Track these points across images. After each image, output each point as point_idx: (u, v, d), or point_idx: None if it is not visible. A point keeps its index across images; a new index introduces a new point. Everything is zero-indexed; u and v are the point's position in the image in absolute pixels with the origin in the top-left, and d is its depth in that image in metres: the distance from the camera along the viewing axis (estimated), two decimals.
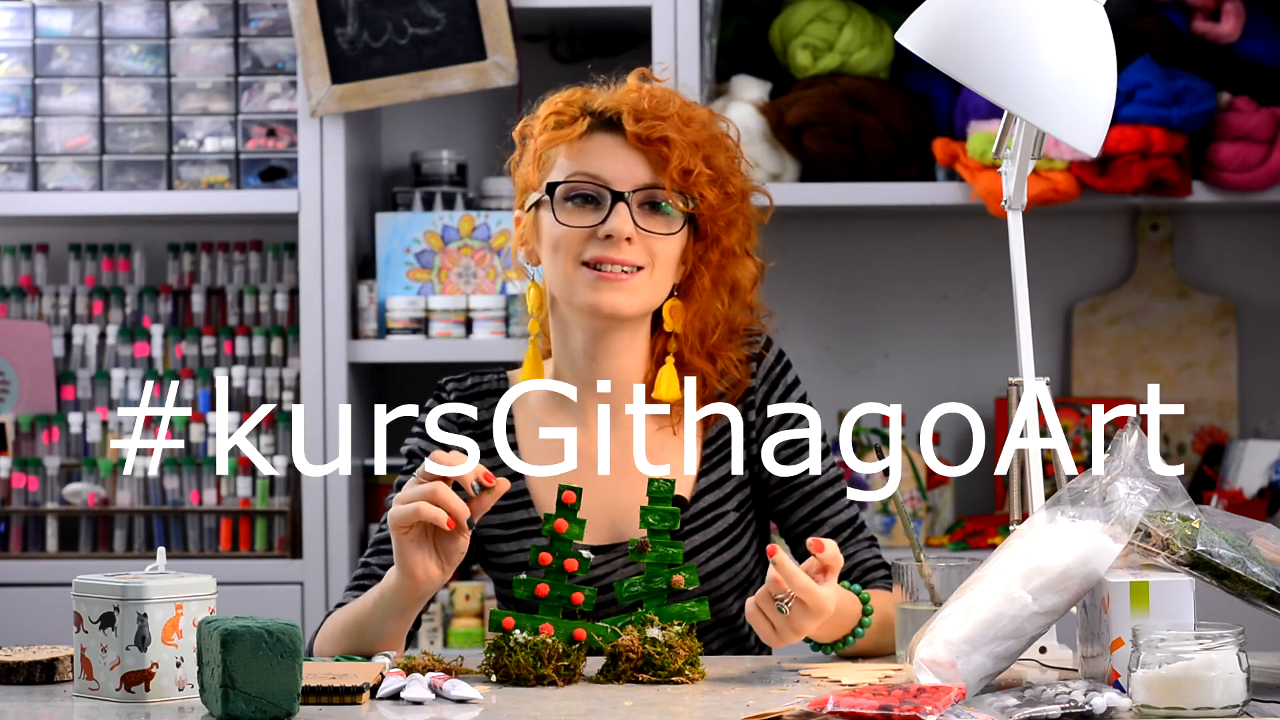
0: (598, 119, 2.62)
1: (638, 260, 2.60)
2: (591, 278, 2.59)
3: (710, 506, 2.66)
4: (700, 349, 2.67)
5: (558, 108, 2.65)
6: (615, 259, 2.59)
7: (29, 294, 4.09)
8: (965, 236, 4.30)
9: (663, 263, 2.62)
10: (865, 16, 4.05)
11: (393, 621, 2.48)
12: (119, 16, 3.98)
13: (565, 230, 2.60)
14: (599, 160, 2.61)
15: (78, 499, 3.94)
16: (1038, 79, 2.31)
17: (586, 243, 2.60)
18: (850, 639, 2.47)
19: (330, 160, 3.91)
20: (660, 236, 2.61)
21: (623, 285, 2.59)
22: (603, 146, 2.62)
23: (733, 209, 2.65)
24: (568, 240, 2.60)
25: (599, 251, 2.59)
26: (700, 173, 2.61)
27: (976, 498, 4.23)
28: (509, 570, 2.68)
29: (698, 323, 2.66)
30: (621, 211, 2.59)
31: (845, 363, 4.33)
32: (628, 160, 2.61)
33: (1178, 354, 4.27)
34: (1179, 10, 4.04)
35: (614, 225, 2.58)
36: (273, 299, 4.05)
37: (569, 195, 2.61)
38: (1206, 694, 2.07)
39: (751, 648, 2.73)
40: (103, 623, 2.21)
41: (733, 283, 2.68)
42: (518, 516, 2.68)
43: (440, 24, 3.88)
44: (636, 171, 2.61)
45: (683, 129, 2.61)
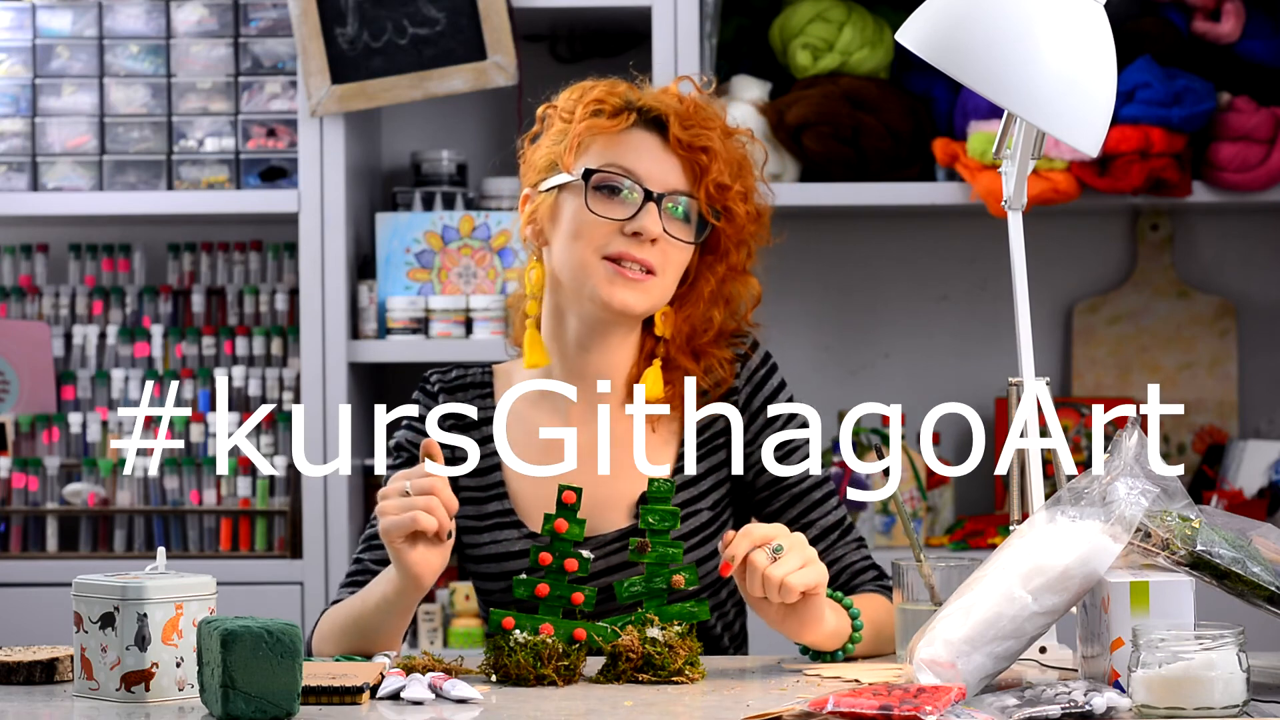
0: (643, 116, 2.63)
1: (655, 262, 2.60)
2: (610, 272, 2.59)
3: (683, 504, 2.66)
4: (686, 350, 2.68)
5: (599, 95, 2.64)
6: (637, 257, 2.59)
7: (29, 294, 4.09)
8: (965, 236, 4.30)
9: (673, 269, 2.63)
10: (865, 16, 4.05)
11: (395, 619, 2.49)
12: (119, 16, 3.98)
13: (593, 219, 2.60)
14: (637, 157, 2.61)
15: (78, 499, 3.94)
16: (1038, 79, 2.31)
17: (611, 236, 2.59)
18: (840, 654, 2.48)
19: (330, 160, 3.91)
20: (679, 244, 2.62)
21: (638, 285, 2.60)
22: (642, 144, 2.62)
23: (750, 230, 2.66)
24: (593, 230, 2.60)
25: (623, 247, 2.59)
26: (734, 190, 2.62)
27: (976, 498, 4.23)
28: (482, 562, 2.68)
29: (686, 327, 2.67)
30: (652, 211, 2.59)
31: (845, 363, 4.33)
32: (665, 162, 2.62)
33: (1178, 354, 4.27)
34: (1179, 10, 4.04)
35: (644, 224, 2.58)
36: (273, 299, 4.05)
37: (602, 185, 2.61)
38: (1206, 694, 2.07)
39: (726, 648, 2.74)
40: (103, 623, 2.21)
41: (729, 296, 2.69)
42: (492, 508, 2.68)
43: (440, 24, 3.88)
44: (671, 175, 2.61)
45: (724, 142, 2.63)
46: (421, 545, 2.41)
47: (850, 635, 2.48)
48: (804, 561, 2.35)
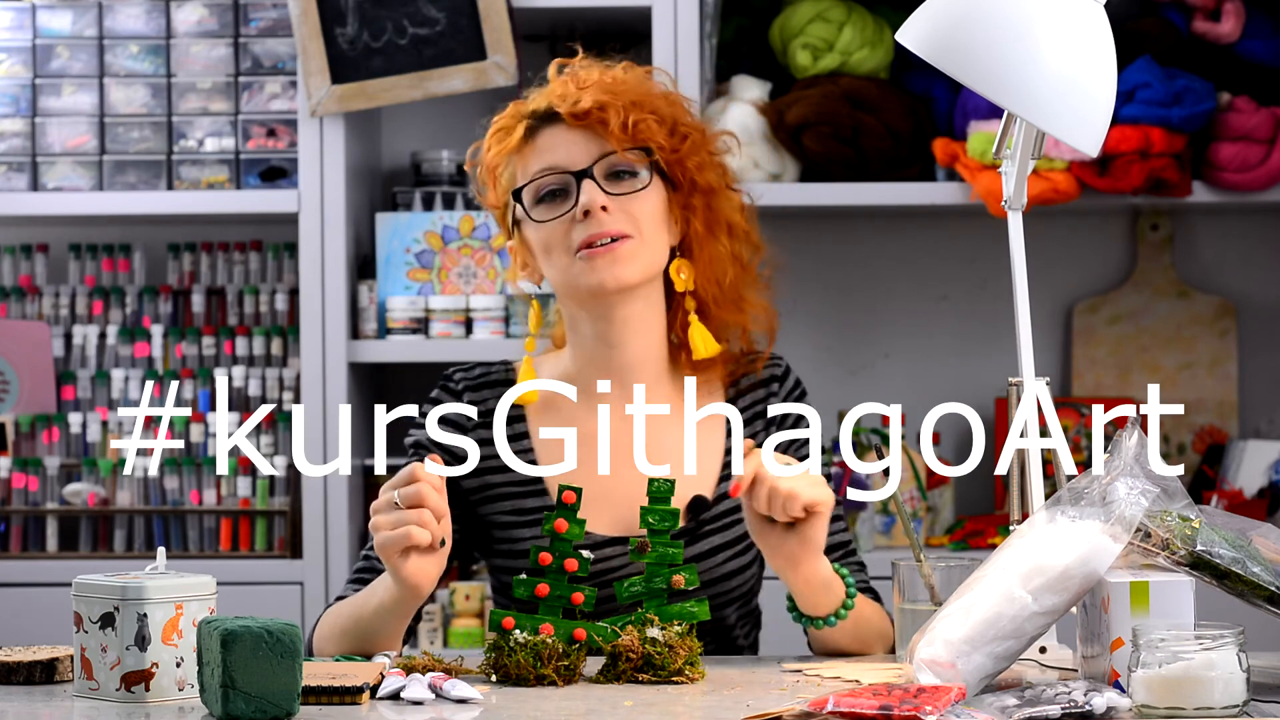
0: (535, 118, 2.67)
1: (622, 228, 2.61)
2: (585, 262, 2.61)
3: (731, 509, 2.66)
4: (722, 297, 2.69)
5: (499, 124, 2.71)
6: (599, 233, 2.61)
7: (29, 294, 4.09)
8: (965, 236, 4.30)
9: (649, 224, 2.64)
10: (865, 16, 4.05)
11: (394, 623, 2.49)
12: (119, 16, 3.98)
13: (547, 227, 2.63)
14: (551, 153, 2.65)
15: (78, 499, 3.94)
16: (1038, 79, 2.31)
17: (570, 231, 2.62)
18: (833, 619, 2.50)
19: (330, 160, 3.91)
20: (634, 196, 2.63)
21: (616, 255, 2.61)
22: (550, 140, 2.66)
23: (691, 145, 2.68)
24: (553, 235, 2.63)
25: (584, 233, 2.61)
26: (643, 122, 2.64)
27: (976, 498, 4.23)
28: (520, 558, 2.67)
29: (709, 270, 2.68)
30: (588, 187, 2.62)
31: (845, 363, 4.33)
32: (575, 141, 2.64)
33: (1178, 354, 4.27)
34: (1179, 10, 4.04)
35: (585, 200, 2.61)
36: (273, 299, 4.05)
37: (537, 196, 2.65)
38: (1206, 694, 2.07)
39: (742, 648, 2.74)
40: (103, 623, 2.21)
41: (726, 221, 2.70)
42: (531, 504, 2.68)
43: (440, 24, 3.88)
44: (588, 147, 2.64)
45: (613, 91, 2.65)
46: (416, 556, 2.41)
47: (843, 601, 2.50)
48: (811, 482, 2.40)
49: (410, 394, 3.56)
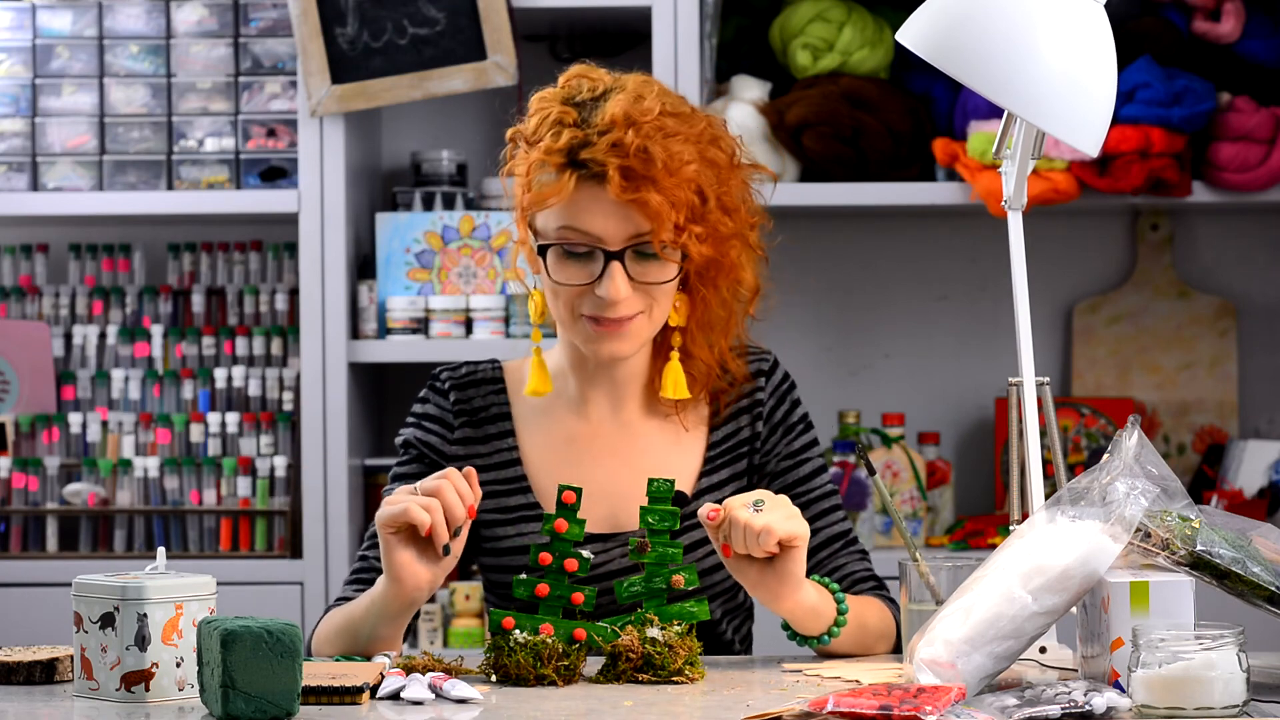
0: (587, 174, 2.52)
1: (636, 309, 2.57)
2: (590, 329, 2.58)
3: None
4: (700, 340, 2.66)
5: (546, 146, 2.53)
6: (613, 316, 2.56)
7: (29, 294, 4.09)
8: (965, 236, 4.30)
9: (662, 301, 2.59)
10: (865, 16, 4.05)
11: (385, 627, 2.47)
12: (119, 16, 3.98)
13: (560, 284, 2.58)
14: (589, 216, 2.53)
15: (78, 499, 3.94)
16: (1038, 79, 2.31)
17: (583, 297, 2.56)
18: (826, 637, 2.48)
19: (330, 160, 3.91)
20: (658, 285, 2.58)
21: (623, 333, 2.58)
22: (592, 201, 2.53)
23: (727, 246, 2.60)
24: (564, 293, 2.57)
25: (595, 310, 2.56)
26: (690, 230, 2.54)
27: (976, 498, 4.23)
28: (503, 555, 2.68)
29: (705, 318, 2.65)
30: (615, 273, 2.53)
31: (845, 363, 4.33)
32: (612, 215, 2.53)
33: (1178, 354, 4.27)
34: (1179, 10, 4.04)
35: (608, 289, 2.53)
36: (273, 299, 4.05)
37: (561, 251, 2.56)
38: (1206, 694, 2.07)
39: (736, 653, 2.74)
40: (103, 623, 2.21)
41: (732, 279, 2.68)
42: (515, 501, 2.68)
43: (440, 24, 3.88)
44: (626, 225, 2.53)
45: (671, 176, 2.52)
46: (413, 550, 2.41)
47: (835, 619, 2.49)
48: (785, 516, 2.37)
49: (410, 394, 3.56)
